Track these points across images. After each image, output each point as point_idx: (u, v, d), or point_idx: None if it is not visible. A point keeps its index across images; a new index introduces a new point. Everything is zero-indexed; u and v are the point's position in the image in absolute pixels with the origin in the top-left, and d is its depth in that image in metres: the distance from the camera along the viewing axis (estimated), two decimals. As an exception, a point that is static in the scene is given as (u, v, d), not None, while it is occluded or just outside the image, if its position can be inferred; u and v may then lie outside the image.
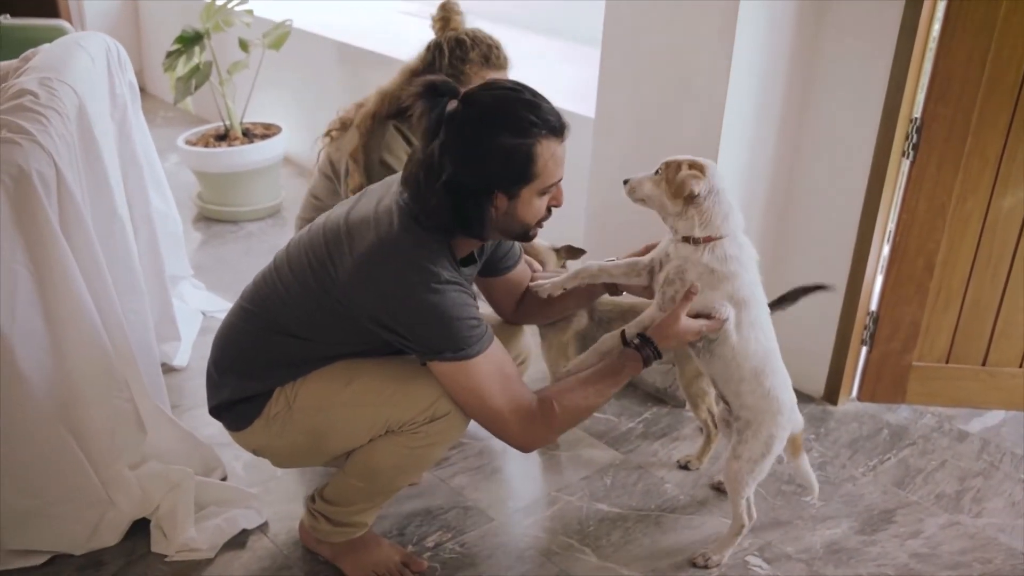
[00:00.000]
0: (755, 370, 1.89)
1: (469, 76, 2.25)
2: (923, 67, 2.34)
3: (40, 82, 1.94)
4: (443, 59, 2.28)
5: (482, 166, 1.59)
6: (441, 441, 1.80)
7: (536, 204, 1.68)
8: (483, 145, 1.58)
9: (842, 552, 2.08)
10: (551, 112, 1.62)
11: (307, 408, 1.77)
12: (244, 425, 1.83)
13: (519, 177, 1.62)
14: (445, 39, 2.31)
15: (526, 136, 1.58)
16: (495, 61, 2.28)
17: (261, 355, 1.79)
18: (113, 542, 2.00)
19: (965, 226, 2.46)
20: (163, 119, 4.89)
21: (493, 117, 1.58)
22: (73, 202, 1.82)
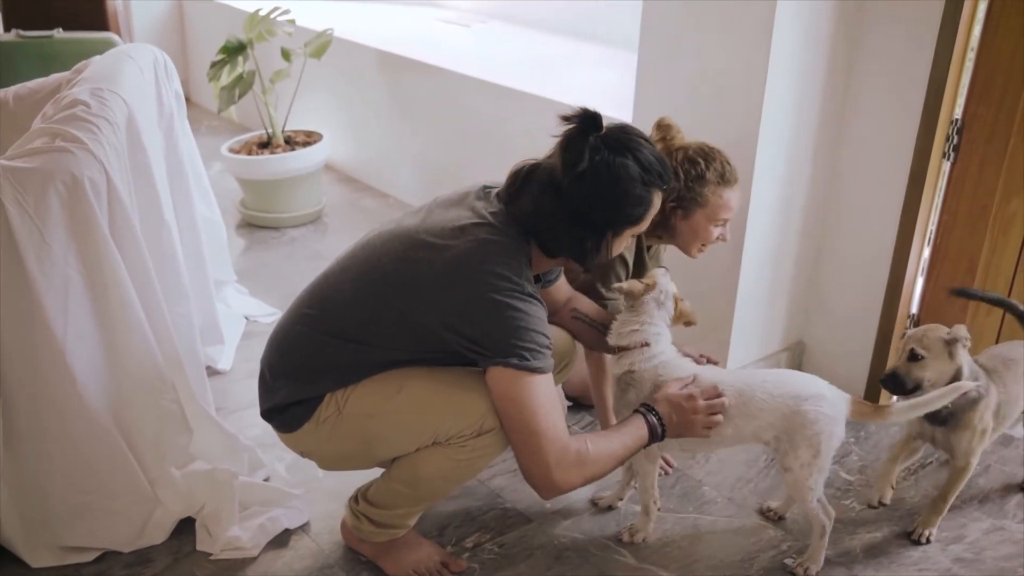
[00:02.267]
0: (739, 392, 1.91)
1: (707, 196, 2.11)
2: (964, 67, 2.32)
3: (92, 92, 2.00)
4: (678, 181, 2.09)
5: (615, 208, 1.71)
6: (486, 455, 1.82)
7: (626, 241, 1.82)
8: (621, 190, 1.69)
9: (882, 556, 2.06)
10: (668, 168, 1.77)
11: (357, 414, 1.79)
12: (294, 428, 1.85)
13: (634, 221, 1.75)
14: (676, 159, 2.11)
15: (649, 187, 1.72)
16: (730, 177, 2.13)
17: (315, 359, 1.80)
18: (160, 540, 2.05)
19: (1008, 228, 2.43)
20: (207, 128, 5.00)
21: (637, 164, 1.70)
22: (123, 208, 1.88)
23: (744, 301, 2.51)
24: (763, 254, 2.52)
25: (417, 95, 3.91)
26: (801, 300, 2.70)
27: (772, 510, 2.18)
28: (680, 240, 2.21)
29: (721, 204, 2.13)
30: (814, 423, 1.87)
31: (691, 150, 2.13)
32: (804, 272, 2.67)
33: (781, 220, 2.52)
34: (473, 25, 4.59)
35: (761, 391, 1.90)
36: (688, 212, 2.14)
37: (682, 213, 2.15)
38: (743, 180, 2.38)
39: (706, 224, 2.15)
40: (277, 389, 1.85)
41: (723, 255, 2.47)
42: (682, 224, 2.17)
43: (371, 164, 4.33)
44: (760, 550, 2.08)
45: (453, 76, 3.67)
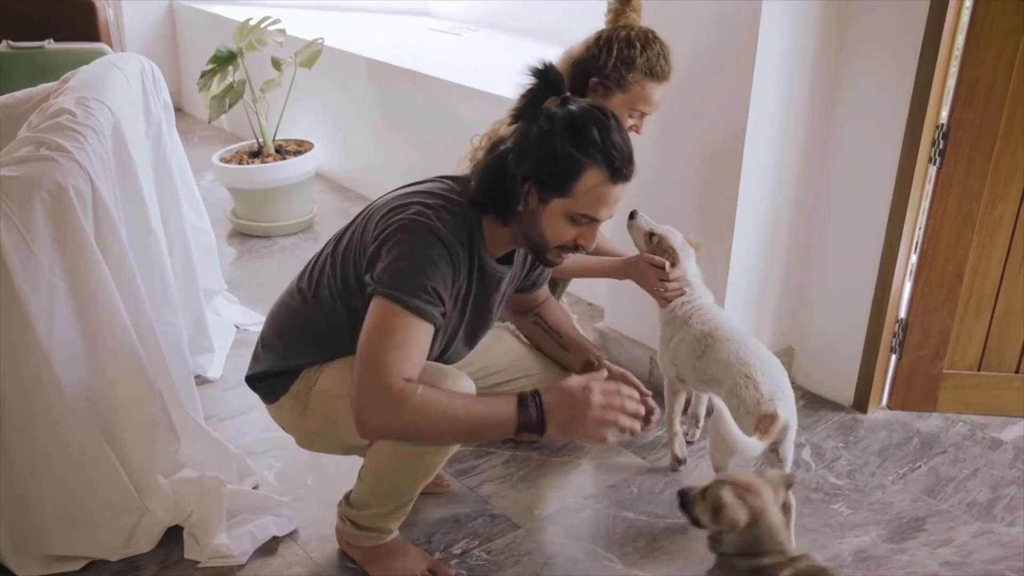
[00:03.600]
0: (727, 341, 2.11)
1: (630, 83, 2.12)
2: (948, 72, 2.33)
3: (77, 101, 2.01)
4: (609, 58, 2.10)
5: (532, 153, 1.63)
6: (438, 448, 1.80)
7: (561, 224, 1.67)
8: (544, 138, 1.62)
9: (871, 560, 2.06)
10: (621, 154, 1.62)
11: (322, 393, 1.82)
12: (273, 399, 1.90)
13: (555, 183, 1.63)
14: (616, 36, 2.12)
15: (581, 153, 1.60)
16: (659, 72, 2.13)
17: (297, 330, 1.85)
18: (148, 548, 2.04)
19: (995, 231, 2.44)
20: (200, 138, 5.00)
21: (569, 122, 1.61)
22: (108, 217, 1.88)
23: (732, 307, 2.51)
24: (751, 260, 2.53)
25: (408, 104, 3.92)
26: (789, 306, 2.71)
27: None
28: None
29: (642, 95, 2.14)
30: (732, 396, 2.01)
31: (634, 32, 2.13)
32: (792, 278, 2.68)
33: (768, 226, 2.53)
34: (464, 34, 4.61)
35: (732, 346, 2.07)
36: (608, 92, 2.15)
37: (602, 91, 2.16)
38: (728, 184, 2.40)
39: (621, 109, 2.14)
40: (263, 359, 1.91)
41: (711, 262, 2.48)
42: (600, 101, 2.15)
43: (362, 173, 4.33)
44: (748, 555, 2.07)
45: (444, 84, 3.68)
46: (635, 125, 2.21)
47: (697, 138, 2.47)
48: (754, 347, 2.10)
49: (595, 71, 2.15)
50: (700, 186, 2.49)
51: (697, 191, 2.50)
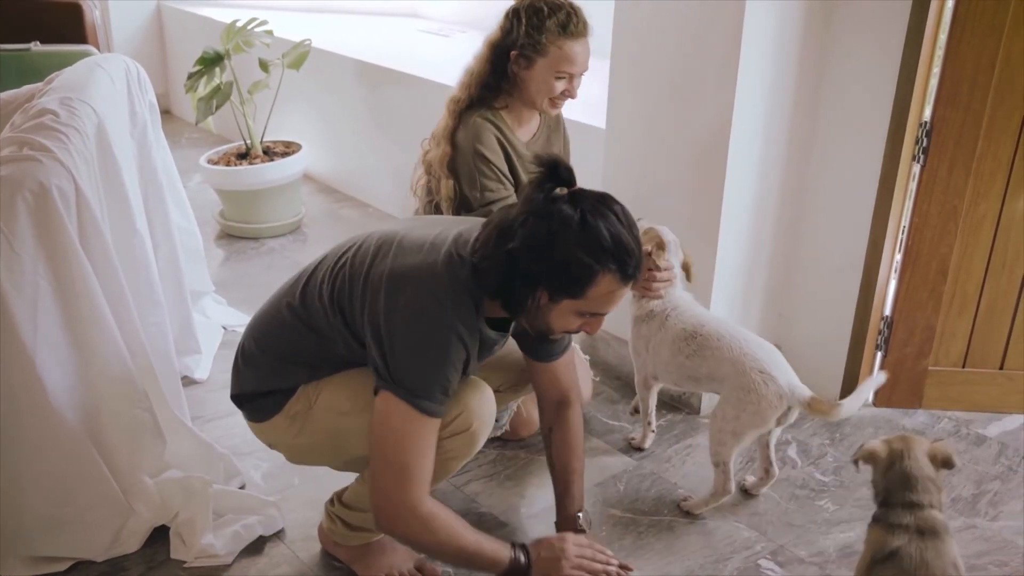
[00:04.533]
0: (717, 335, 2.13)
1: (547, 46, 2.16)
2: (931, 71, 2.35)
3: (61, 102, 2.00)
4: (520, 27, 2.17)
5: (545, 260, 1.60)
6: (457, 456, 1.82)
7: (569, 319, 1.69)
8: (557, 244, 1.58)
9: (855, 555, 2.04)
10: (633, 257, 1.62)
11: (328, 409, 1.80)
12: (263, 419, 1.87)
13: (568, 289, 1.62)
14: (523, 5, 2.20)
15: (596, 262, 1.59)
16: (573, 29, 2.17)
17: (289, 348, 1.81)
18: (134, 549, 2.04)
19: (978, 229, 2.46)
20: (188, 140, 5.00)
21: (582, 229, 1.58)
22: (92, 217, 1.88)
23: (718, 306, 2.52)
24: (737, 259, 2.54)
25: (396, 105, 3.92)
26: (775, 304, 2.72)
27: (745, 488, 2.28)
28: (526, 93, 2.25)
29: (562, 55, 2.16)
30: (749, 392, 2.04)
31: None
32: (778, 277, 2.69)
33: (754, 225, 2.54)
34: (453, 35, 4.61)
35: (733, 342, 2.10)
36: (530, 61, 2.18)
37: (524, 62, 2.19)
38: (713, 185, 2.41)
39: (548, 75, 2.18)
40: (247, 376, 1.87)
41: (697, 261, 2.49)
42: (525, 74, 2.21)
43: (351, 174, 4.33)
44: (734, 551, 2.08)
45: (432, 86, 3.68)
46: (567, 89, 2.24)
47: (682, 138, 2.48)
48: (751, 339, 2.13)
49: (512, 44, 2.19)
50: (685, 185, 2.50)
51: (682, 190, 2.51)
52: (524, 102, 2.30)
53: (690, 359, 2.17)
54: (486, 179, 2.26)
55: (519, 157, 2.35)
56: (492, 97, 2.30)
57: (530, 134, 2.40)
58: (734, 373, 2.09)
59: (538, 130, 2.43)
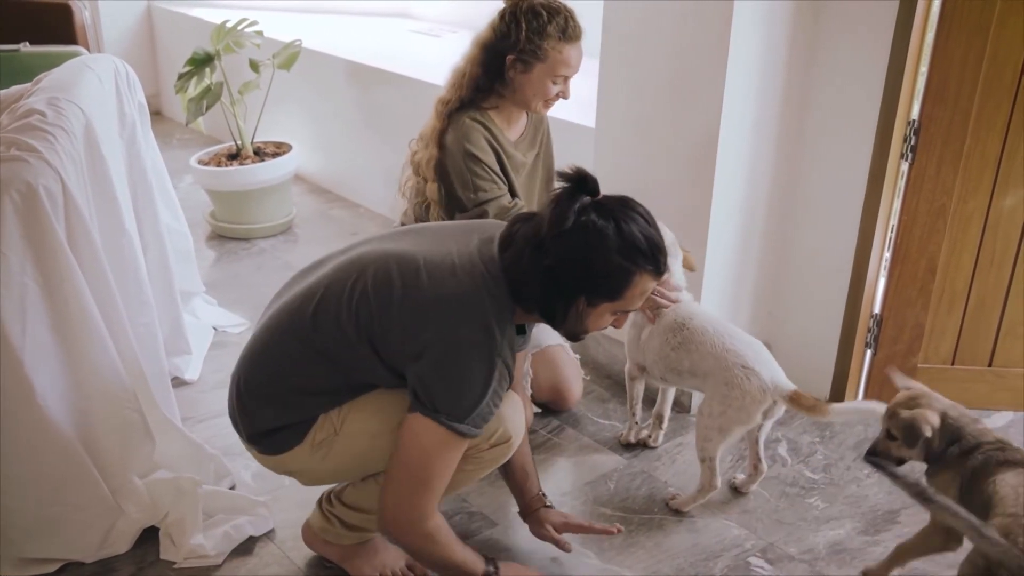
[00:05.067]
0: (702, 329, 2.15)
1: (547, 51, 2.19)
2: (919, 70, 2.35)
3: (48, 102, 2.00)
4: (519, 32, 2.18)
5: (584, 272, 1.64)
6: (491, 465, 1.85)
7: (605, 319, 1.73)
8: (596, 255, 1.62)
9: (845, 553, 2.08)
10: (663, 254, 1.68)
11: (359, 433, 1.78)
12: (282, 451, 1.81)
13: (608, 294, 1.67)
14: (520, 9, 2.20)
15: (633, 263, 1.63)
16: (572, 33, 2.20)
17: (301, 381, 1.75)
18: (123, 550, 2.03)
19: (967, 227, 2.46)
20: (179, 141, 4.99)
21: (619, 235, 1.62)
22: (80, 217, 1.88)
23: (708, 304, 2.52)
24: (726, 258, 2.54)
25: (387, 105, 3.92)
26: (765, 302, 2.73)
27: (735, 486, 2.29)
28: (521, 96, 2.26)
29: (560, 59, 2.19)
30: (732, 387, 2.06)
31: (537, 1, 2.18)
32: (767, 274, 2.69)
33: (743, 223, 2.54)
34: (444, 35, 4.61)
35: (717, 338, 2.12)
36: (528, 66, 2.20)
37: (521, 67, 2.21)
38: (703, 184, 2.41)
39: (545, 79, 2.21)
40: (259, 412, 1.79)
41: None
42: (521, 78, 2.22)
43: (341, 175, 4.33)
44: (724, 549, 2.09)
45: (423, 86, 3.68)
46: (561, 91, 2.26)
47: (671, 137, 2.48)
48: (737, 335, 2.15)
49: (509, 48, 2.20)
50: (675, 184, 2.50)
51: (672, 189, 2.51)
52: (516, 103, 2.31)
53: (675, 351, 2.18)
54: (479, 179, 2.26)
55: (508, 157, 2.36)
56: (482, 99, 2.31)
57: (518, 133, 2.41)
58: (717, 368, 2.10)
59: (525, 129, 2.44)
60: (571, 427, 2.54)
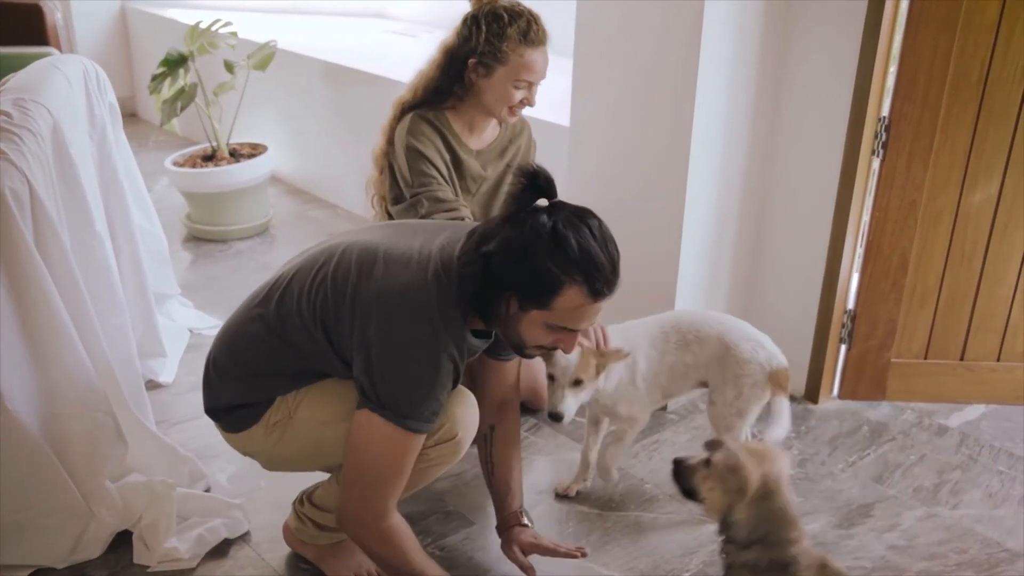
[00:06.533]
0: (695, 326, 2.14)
1: (507, 54, 2.16)
2: (888, 68, 2.37)
3: (14, 103, 1.98)
4: (480, 35, 2.17)
5: (514, 267, 1.60)
6: (441, 463, 1.83)
7: (539, 331, 1.67)
8: (528, 252, 1.58)
9: (819, 546, 2.06)
10: (604, 273, 1.60)
11: (309, 419, 1.79)
12: (241, 429, 1.85)
13: (534, 299, 1.62)
14: (482, 13, 2.19)
15: (562, 271, 1.58)
16: (534, 37, 2.18)
17: (262, 362, 1.79)
18: (96, 554, 2.01)
19: (937, 222, 2.49)
20: (155, 143, 4.95)
21: (555, 238, 1.57)
22: (48, 220, 1.85)
23: (683, 301, 2.54)
24: (700, 254, 2.55)
25: (364, 106, 3.91)
26: (740, 299, 2.74)
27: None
28: (483, 102, 2.24)
29: (522, 63, 2.17)
30: (744, 363, 2.05)
31: (499, 5, 2.17)
32: (742, 272, 2.71)
33: (717, 220, 2.55)
34: (419, 35, 4.61)
35: (711, 320, 2.12)
36: (489, 69, 2.18)
37: (483, 70, 2.19)
38: (676, 181, 2.42)
39: (506, 83, 2.19)
40: (223, 389, 1.85)
41: (660, 256, 2.51)
42: (483, 82, 2.21)
43: (318, 175, 4.31)
44: (700, 545, 2.09)
45: (400, 86, 3.62)
46: (525, 98, 2.23)
47: (645, 136, 2.49)
48: (722, 315, 2.17)
49: (470, 52, 2.19)
50: (649, 182, 2.51)
51: (646, 187, 2.52)
52: (481, 110, 2.28)
53: (679, 349, 2.12)
54: (416, 173, 2.23)
55: (460, 163, 2.31)
56: (440, 100, 2.29)
57: (484, 143, 2.37)
58: (723, 350, 2.07)
59: (495, 140, 2.39)
60: (547, 426, 2.55)
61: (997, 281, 2.53)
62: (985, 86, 2.34)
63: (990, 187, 2.44)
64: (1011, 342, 2.60)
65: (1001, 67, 2.31)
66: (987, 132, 2.38)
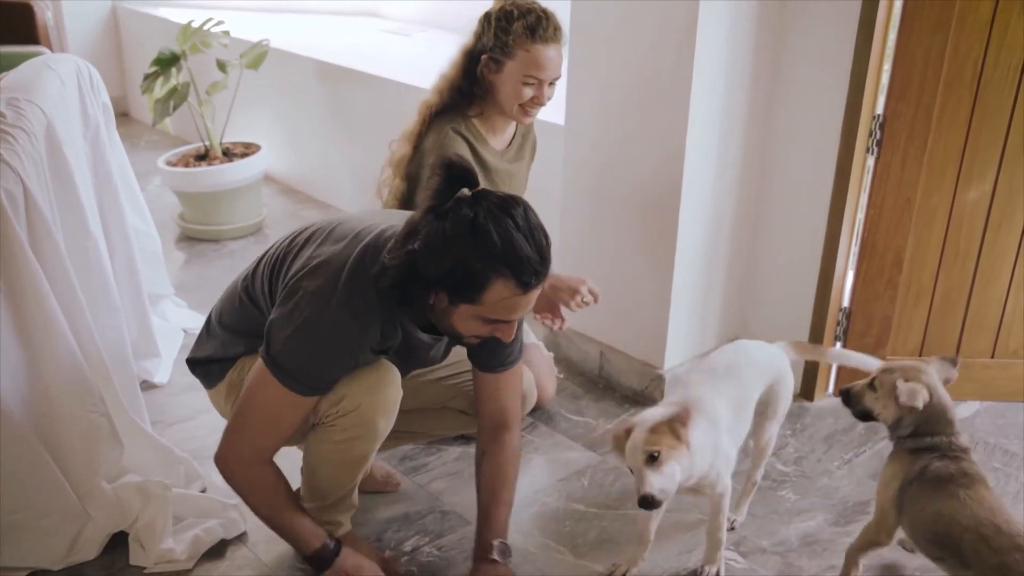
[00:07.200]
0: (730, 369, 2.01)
1: (514, 49, 2.16)
2: (883, 66, 2.38)
3: (7, 103, 1.97)
4: (490, 31, 2.18)
5: (438, 263, 1.56)
6: (359, 435, 1.79)
7: (473, 324, 1.64)
8: (451, 247, 1.54)
9: (816, 544, 2.10)
10: (531, 265, 1.55)
11: None
12: (210, 384, 1.96)
13: (461, 295, 1.59)
14: (495, 9, 2.21)
15: (488, 268, 1.54)
16: (543, 34, 2.16)
17: (237, 323, 1.89)
18: (92, 556, 2.01)
19: (932, 220, 2.50)
20: (147, 143, 4.93)
21: (476, 232, 1.53)
22: (42, 220, 1.85)
23: (679, 299, 2.54)
24: (696, 253, 2.56)
25: (357, 105, 3.90)
26: (736, 297, 2.75)
27: None
28: (497, 99, 2.25)
29: (530, 59, 2.17)
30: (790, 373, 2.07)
31: (514, 1, 2.19)
32: (737, 270, 2.71)
33: (713, 219, 2.56)
34: (413, 34, 4.60)
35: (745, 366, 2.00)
36: (499, 64, 2.20)
37: (494, 66, 2.21)
38: (672, 180, 2.42)
39: (515, 78, 2.20)
40: (206, 345, 1.96)
41: (656, 255, 2.51)
42: (494, 78, 2.22)
43: (312, 175, 4.30)
44: (698, 543, 2.09)
45: (393, 85, 3.67)
46: (536, 96, 2.23)
47: (640, 135, 2.49)
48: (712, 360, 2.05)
49: (482, 48, 2.21)
50: (644, 181, 2.51)
51: (641, 186, 2.52)
52: (497, 109, 2.29)
53: (735, 389, 1.96)
54: None
55: (489, 171, 2.33)
56: (466, 104, 2.29)
57: (504, 143, 2.39)
58: (784, 371, 2.04)
59: (513, 139, 2.42)
60: (544, 424, 2.55)
61: (991, 279, 2.54)
62: (979, 85, 2.34)
63: (984, 185, 2.44)
64: (1005, 339, 2.60)
65: (995, 66, 2.32)
66: (981, 130, 2.38)
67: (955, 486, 1.70)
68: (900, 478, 1.78)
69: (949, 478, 1.71)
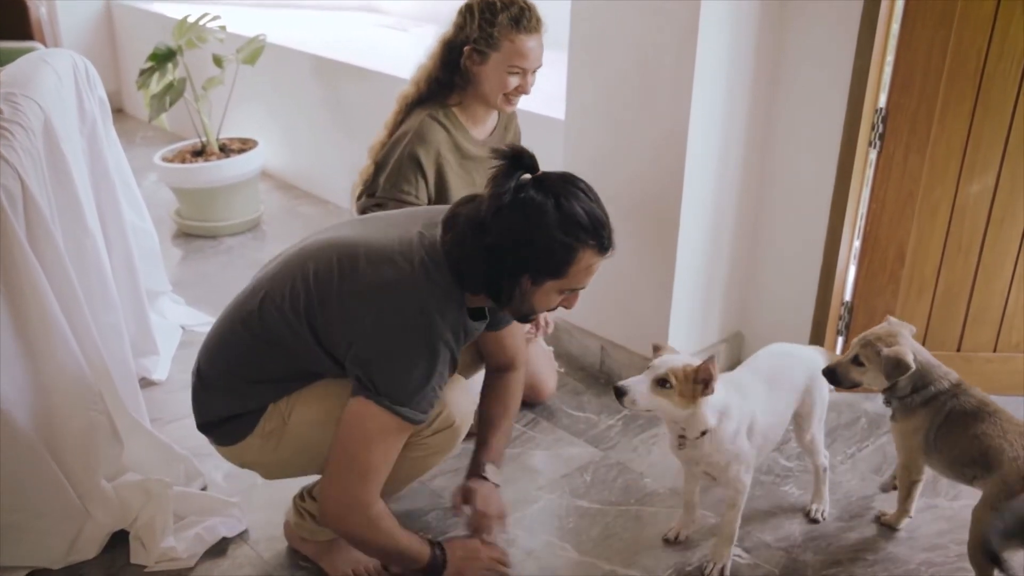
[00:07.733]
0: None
1: (499, 40, 2.19)
2: (886, 59, 2.37)
3: (4, 98, 1.95)
4: (473, 22, 2.20)
5: (526, 249, 1.62)
6: (439, 451, 1.83)
7: (551, 297, 1.71)
8: (536, 231, 1.61)
9: (820, 539, 2.09)
10: (607, 228, 1.66)
11: (304, 422, 1.78)
12: (235, 441, 1.83)
13: (552, 271, 1.65)
14: (476, 1, 2.22)
15: (575, 239, 1.62)
16: (526, 24, 2.20)
17: (249, 369, 1.78)
18: (92, 555, 1.99)
19: (934, 214, 2.49)
20: (143, 139, 4.90)
21: (559, 212, 1.60)
22: (40, 216, 1.83)
23: (681, 294, 2.53)
24: (698, 247, 2.55)
25: (354, 100, 3.88)
26: (737, 292, 2.74)
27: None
28: (480, 90, 2.26)
29: (514, 50, 2.19)
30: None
31: None
32: (739, 264, 2.70)
33: (715, 213, 2.55)
34: (410, 29, 4.58)
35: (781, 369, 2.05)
36: (483, 56, 2.21)
37: (478, 57, 2.22)
38: (673, 175, 2.41)
39: (501, 69, 2.21)
40: (212, 402, 1.83)
41: (658, 249, 2.50)
42: (478, 70, 2.23)
43: (308, 171, 4.28)
44: (702, 538, 2.09)
45: (390, 80, 3.65)
46: (520, 85, 2.25)
47: (641, 129, 2.48)
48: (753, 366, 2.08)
49: (465, 40, 2.21)
50: (645, 176, 2.50)
51: (642, 181, 2.51)
52: (479, 99, 2.30)
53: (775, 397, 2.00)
54: (405, 180, 2.23)
55: (469, 159, 2.32)
56: (444, 94, 2.30)
57: (486, 132, 2.39)
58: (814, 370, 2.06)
59: (495, 129, 2.42)
60: (546, 420, 2.54)
61: (994, 272, 2.53)
62: (982, 78, 2.33)
63: (987, 179, 2.43)
64: (1007, 333, 2.60)
65: (998, 59, 2.31)
66: (984, 124, 2.37)
67: (983, 412, 1.89)
68: (924, 428, 1.93)
69: (974, 410, 1.89)
